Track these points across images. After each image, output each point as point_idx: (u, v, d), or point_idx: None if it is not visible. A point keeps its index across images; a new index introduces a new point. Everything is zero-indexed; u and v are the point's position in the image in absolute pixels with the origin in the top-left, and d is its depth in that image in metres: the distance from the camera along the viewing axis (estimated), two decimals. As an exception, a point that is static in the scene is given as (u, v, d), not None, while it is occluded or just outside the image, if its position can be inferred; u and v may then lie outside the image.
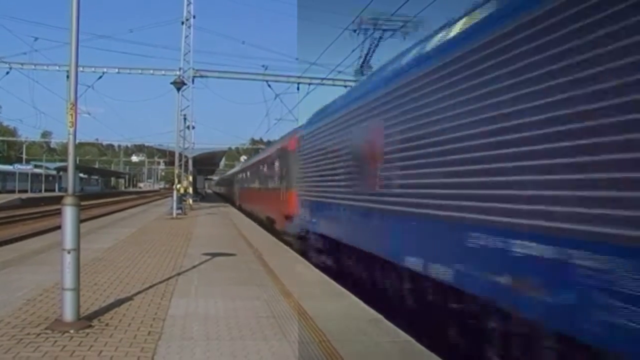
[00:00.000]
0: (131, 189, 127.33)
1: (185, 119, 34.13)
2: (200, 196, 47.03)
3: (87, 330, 5.65)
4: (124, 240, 14.87)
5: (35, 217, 31.00)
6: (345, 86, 32.00)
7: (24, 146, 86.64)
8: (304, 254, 13.52)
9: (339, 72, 29.78)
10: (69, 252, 5.78)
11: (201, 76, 32.86)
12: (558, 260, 4.10)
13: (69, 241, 5.80)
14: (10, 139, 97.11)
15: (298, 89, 33.07)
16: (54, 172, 74.50)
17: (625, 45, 3.51)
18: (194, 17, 32.48)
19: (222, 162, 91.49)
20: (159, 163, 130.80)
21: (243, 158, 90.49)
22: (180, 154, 30.52)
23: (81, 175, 79.75)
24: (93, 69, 32.60)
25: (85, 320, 5.93)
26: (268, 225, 22.06)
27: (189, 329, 5.91)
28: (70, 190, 6.01)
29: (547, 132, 4.23)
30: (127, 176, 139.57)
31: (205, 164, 54.88)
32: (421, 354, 5.26)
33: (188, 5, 32.31)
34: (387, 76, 8.35)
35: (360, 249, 9.31)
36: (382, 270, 8.57)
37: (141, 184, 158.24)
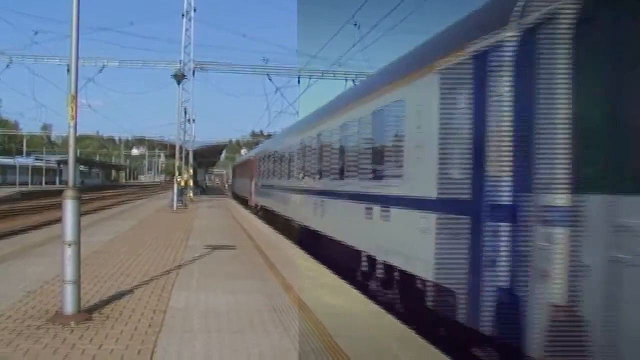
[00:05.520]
0: (132, 182, 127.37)
1: (185, 111, 34.12)
2: (200, 189, 47.01)
3: (88, 323, 5.67)
4: (125, 233, 14.90)
5: (36, 210, 31.03)
6: (346, 79, 31.95)
7: (25, 139, 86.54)
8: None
9: (339, 65, 29.71)
10: (69, 245, 5.78)
11: (202, 69, 32.78)
12: None
13: (69, 234, 5.80)
14: (11, 131, 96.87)
15: (299, 82, 33.04)
16: (55, 165, 74.48)
17: None
18: (195, 9, 32.38)
19: (223, 155, 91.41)
20: (159, 156, 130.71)
21: (244, 151, 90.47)
22: (180, 147, 30.50)
23: (82, 168, 79.79)
24: (94, 62, 32.52)
25: (86, 313, 5.94)
26: (244, 201, 35.94)
27: (190, 321, 5.93)
28: (70, 183, 6.01)
29: None
30: (127, 169, 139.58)
31: (205, 156, 54.89)
32: (422, 348, 5.27)
33: (189, -3, 32.15)
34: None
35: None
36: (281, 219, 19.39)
37: (142, 177, 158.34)
